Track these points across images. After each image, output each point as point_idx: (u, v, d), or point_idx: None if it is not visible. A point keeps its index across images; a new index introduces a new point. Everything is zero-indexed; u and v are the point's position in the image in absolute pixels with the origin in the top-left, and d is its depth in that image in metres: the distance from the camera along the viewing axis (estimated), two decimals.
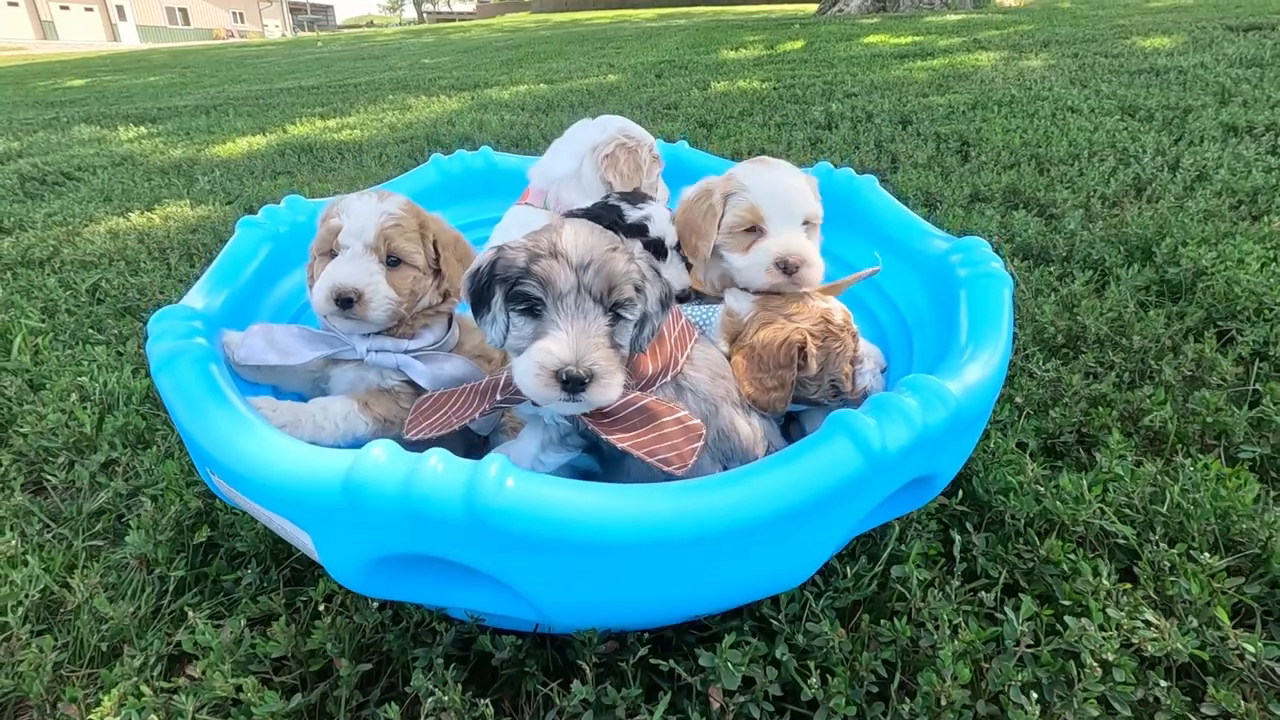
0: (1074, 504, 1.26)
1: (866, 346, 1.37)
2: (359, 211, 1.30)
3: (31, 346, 2.13)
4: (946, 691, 0.95)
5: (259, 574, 1.26)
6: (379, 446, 0.88)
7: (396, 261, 1.32)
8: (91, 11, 44.46)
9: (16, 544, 1.36)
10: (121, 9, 45.91)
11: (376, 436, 1.26)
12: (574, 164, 1.70)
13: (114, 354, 2.06)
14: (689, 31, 12.32)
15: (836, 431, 0.93)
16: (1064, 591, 1.13)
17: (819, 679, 0.98)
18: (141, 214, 3.37)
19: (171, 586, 1.26)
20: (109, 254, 2.88)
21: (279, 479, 0.91)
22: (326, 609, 1.14)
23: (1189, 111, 3.71)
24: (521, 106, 5.76)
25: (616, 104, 5.51)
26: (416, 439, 1.17)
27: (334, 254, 1.30)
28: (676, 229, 1.46)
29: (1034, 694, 0.94)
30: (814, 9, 14.99)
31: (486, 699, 0.97)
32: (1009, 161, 3.23)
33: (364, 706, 1.06)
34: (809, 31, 10.09)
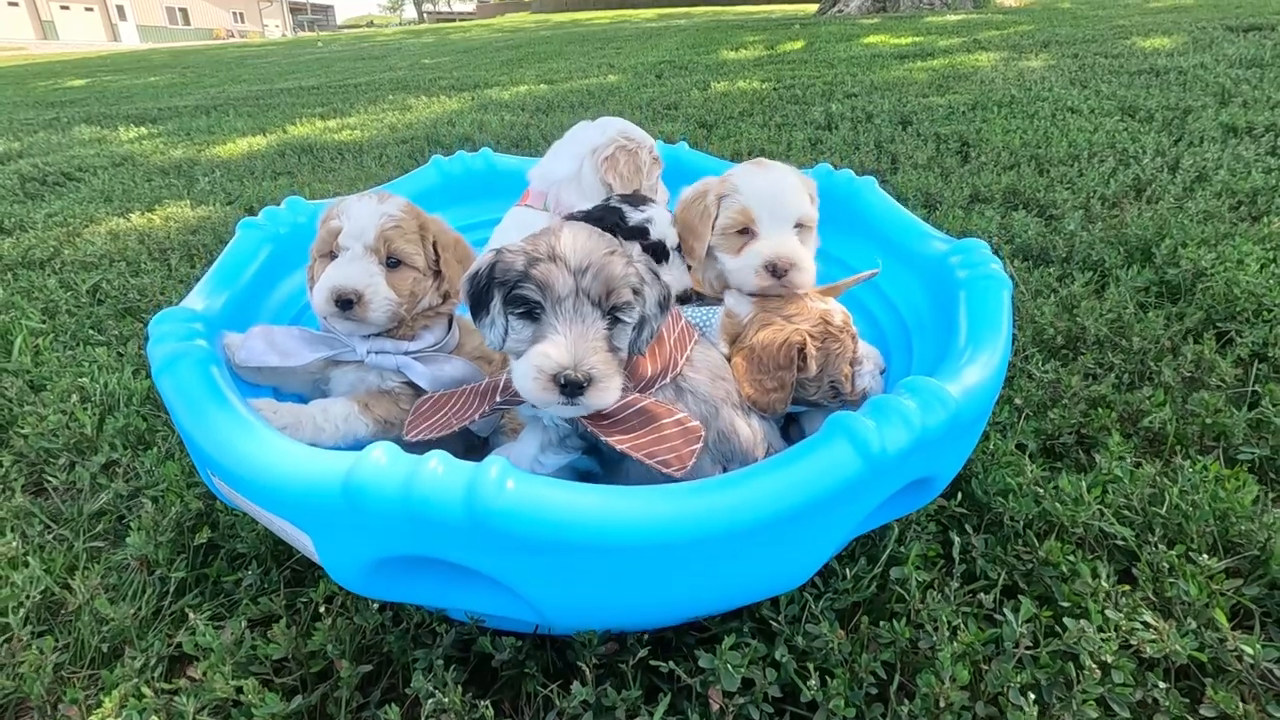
0: (1073, 505, 1.26)
1: (865, 348, 1.38)
2: (359, 213, 1.30)
3: (32, 347, 2.13)
4: (945, 693, 0.95)
5: (259, 575, 1.26)
6: (379, 449, 0.88)
7: (396, 263, 1.33)
8: (91, 11, 44.48)
9: (17, 545, 1.36)
10: (122, 9, 45.94)
11: (377, 438, 1.27)
12: (574, 166, 1.71)
13: (115, 355, 2.06)
14: (689, 32, 12.32)
15: (836, 434, 0.93)
16: (1063, 593, 1.13)
17: (818, 680, 0.98)
18: (142, 215, 3.37)
19: (172, 588, 1.26)
20: (109, 255, 2.89)
21: (279, 481, 0.92)
22: (327, 610, 1.15)
23: (1189, 112, 3.71)
24: (522, 107, 5.76)
25: (617, 104, 5.51)
26: (416, 440, 1.18)
27: (334, 256, 1.31)
28: (676, 229, 1.47)
29: (1033, 695, 0.95)
30: (814, 9, 14.99)
31: (486, 700, 0.97)
32: (1009, 162, 3.23)
33: (364, 708, 1.06)
34: (809, 32, 10.09)
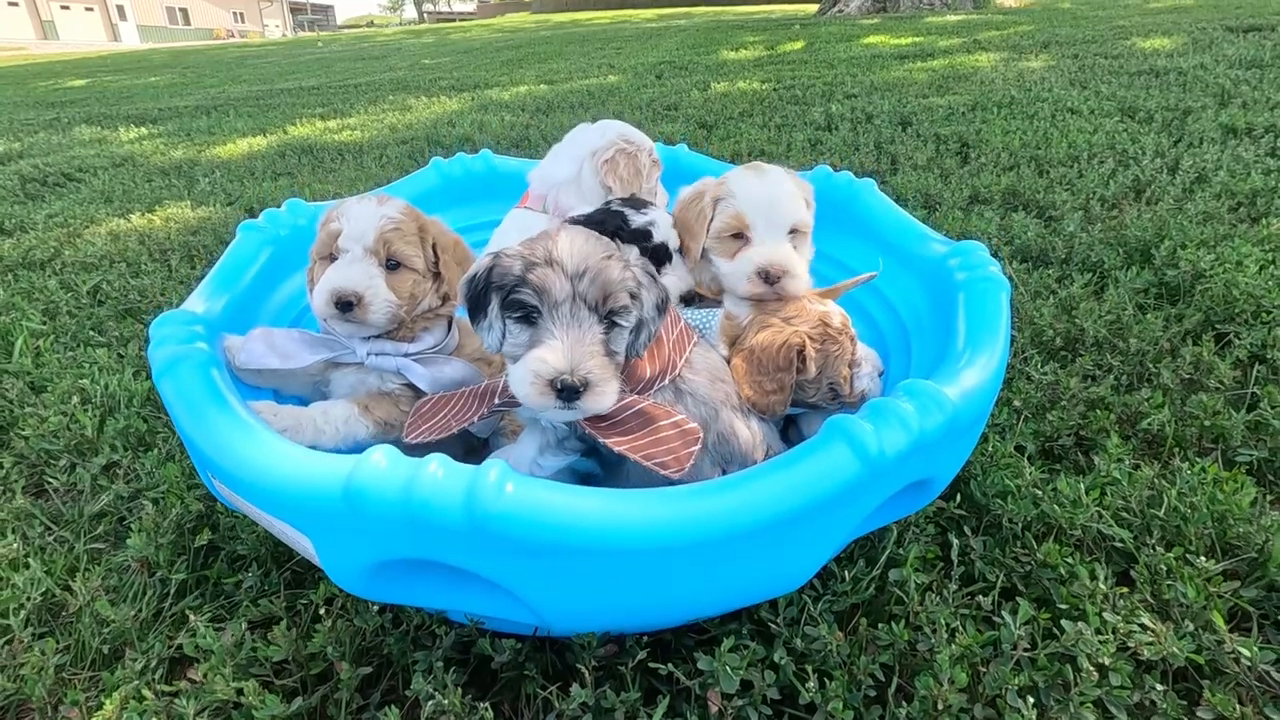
0: (1071, 507, 1.26)
1: (864, 350, 1.38)
2: (358, 215, 1.31)
3: (33, 349, 2.13)
4: (943, 695, 0.96)
5: (260, 577, 1.27)
6: (379, 452, 0.88)
7: (396, 265, 1.33)
8: (92, 11, 44.49)
9: (18, 547, 1.36)
10: (122, 9, 45.94)
11: (377, 440, 1.28)
12: (573, 168, 1.71)
13: (115, 356, 2.07)
14: (689, 32, 12.32)
15: (834, 437, 0.94)
16: (1061, 595, 1.14)
17: (817, 682, 0.98)
18: (142, 215, 3.37)
19: (172, 589, 1.27)
20: (110, 256, 2.89)
21: (280, 484, 0.92)
22: (327, 612, 1.15)
23: (1188, 113, 3.71)
24: (522, 107, 5.77)
25: (617, 105, 5.51)
26: (415, 442, 1.18)
27: (334, 258, 1.31)
28: (675, 227, 1.47)
29: (1031, 698, 0.95)
30: (814, 9, 14.99)
31: (486, 702, 0.98)
32: (1008, 163, 3.23)
33: (364, 709, 1.06)
34: (809, 32, 10.09)
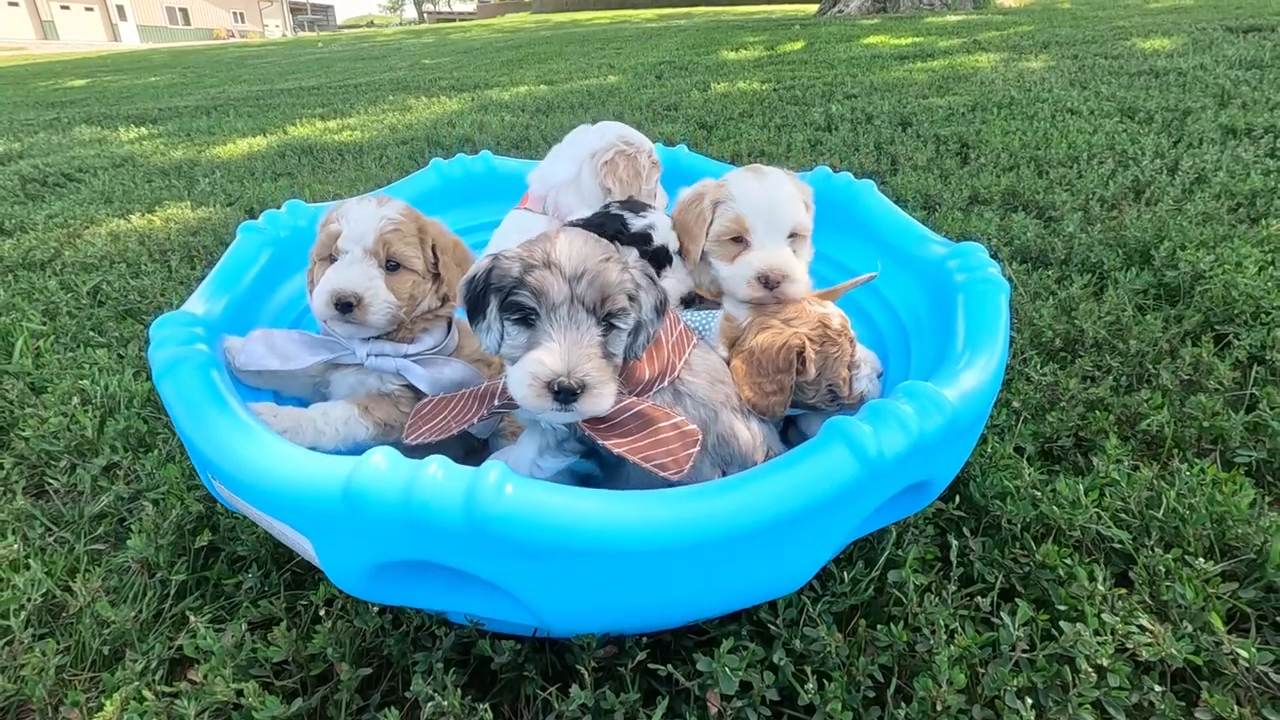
0: (1070, 509, 1.26)
1: (863, 352, 1.38)
2: (358, 217, 1.31)
3: (33, 349, 2.13)
4: (942, 696, 0.96)
5: (260, 578, 1.27)
6: (379, 453, 0.88)
7: (396, 266, 1.33)
8: (92, 11, 44.49)
9: (18, 548, 1.36)
10: (122, 9, 45.94)
11: (377, 441, 1.28)
12: (573, 170, 1.71)
13: (115, 357, 2.07)
14: (689, 32, 12.32)
15: (833, 439, 0.94)
16: (1060, 596, 1.14)
17: (816, 684, 0.98)
18: (142, 216, 3.38)
19: (173, 590, 1.27)
20: (110, 256, 2.89)
21: (280, 485, 0.92)
22: (327, 613, 1.15)
23: (1188, 113, 3.71)
24: (522, 108, 5.77)
25: (617, 105, 5.51)
26: (415, 443, 1.18)
27: (334, 259, 1.31)
28: (674, 229, 1.47)
29: (1029, 699, 0.95)
30: (814, 9, 14.99)
31: (486, 703, 0.98)
32: (1008, 164, 3.23)
33: (364, 710, 1.07)
34: (809, 32, 10.09)
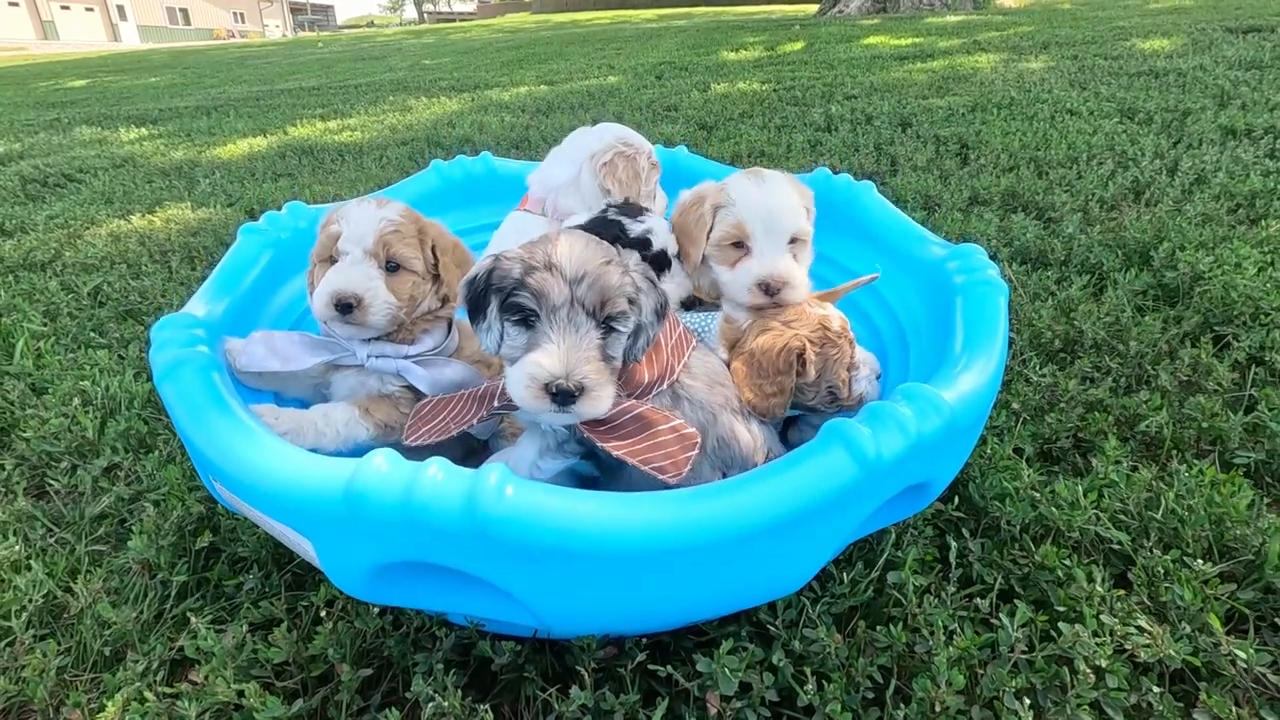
0: (1069, 510, 1.27)
1: (862, 353, 1.38)
2: (358, 218, 1.31)
3: (34, 350, 2.14)
4: (941, 697, 0.96)
5: (260, 579, 1.27)
6: (380, 455, 0.89)
7: (396, 267, 1.34)
8: (92, 11, 44.49)
9: (20, 549, 1.37)
10: (122, 9, 45.95)
11: (378, 442, 1.28)
12: (573, 171, 1.71)
13: (116, 358, 2.07)
14: (689, 33, 12.32)
15: (832, 441, 0.94)
16: (1058, 597, 1.14)
17: (815, 685, 0.98)
18: (143, 216, 3.38)
19: (174, 591, 1.27)
20: (110, 257, 2.89)
21: (281, 487, 0.92)
22: (328, 614, 1.15)
23: (1188, 114, 3.71)
24: (522, 108, 5.77)
25: (617, 105, 5.52)
26: (415, 444, 1.18)
27: (334, 260, 1.31)
28: (674, 232, 1.47)
29: (1028, 700, 0.95)
30: (814, 10, 14.99)
31: (486, 704, 0.98)
32: (1008, 164, 3.23)
33: (364, 711, 1.07)
34: (809, 33, 10.09)
